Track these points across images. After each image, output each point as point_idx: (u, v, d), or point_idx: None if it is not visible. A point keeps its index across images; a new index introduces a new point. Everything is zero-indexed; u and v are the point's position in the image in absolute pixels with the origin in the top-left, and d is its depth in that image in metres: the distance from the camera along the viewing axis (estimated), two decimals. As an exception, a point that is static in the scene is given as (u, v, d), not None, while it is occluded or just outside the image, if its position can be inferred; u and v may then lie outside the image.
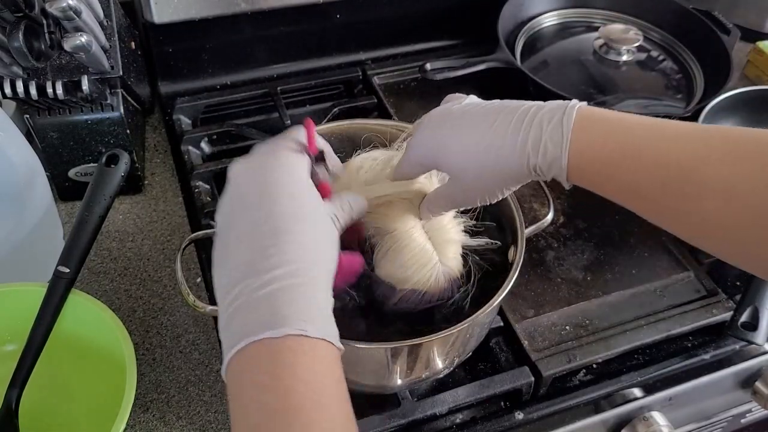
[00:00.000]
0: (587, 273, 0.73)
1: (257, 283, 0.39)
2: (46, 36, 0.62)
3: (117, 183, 0.63)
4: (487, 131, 0.46)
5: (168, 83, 0.90)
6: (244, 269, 0.40)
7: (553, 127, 0.44)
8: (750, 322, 0.66)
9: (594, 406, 0.66)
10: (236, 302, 0.39)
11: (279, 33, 0.91)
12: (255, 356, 0.38)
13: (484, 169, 0.47)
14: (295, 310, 0.38)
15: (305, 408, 0.36)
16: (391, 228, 0.54)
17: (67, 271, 0.58)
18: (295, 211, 0.43)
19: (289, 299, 0.39)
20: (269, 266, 0.39)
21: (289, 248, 0.41)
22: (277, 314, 0.38)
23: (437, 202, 0.53)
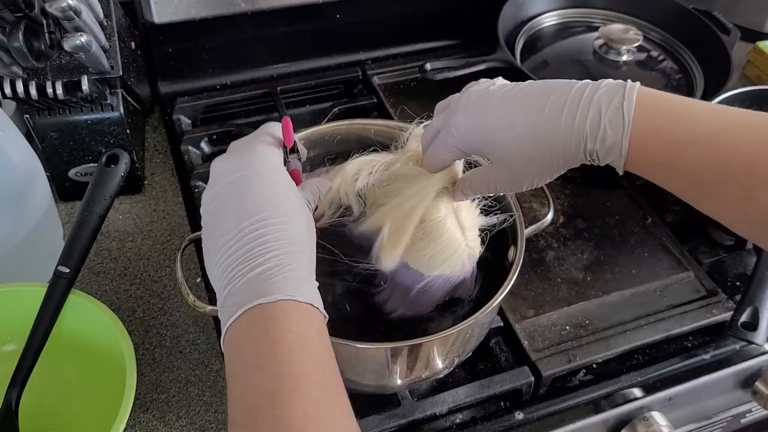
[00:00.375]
0: (587, 273, 0.73)
1: (248, 266, 0.42)
2: (46, 36, 0.62)
3: (117, 183, 0.63)
4: (539, 115, 0.43)
5: (168, 83, 0.90)
6: (235, 254, 0.43)
7: (612, 110, 0.41)
8: (750, 322, 0.66)
9: (594, 406, 0.66)
10: (230, 284, 0.42)
11: (279, 33, 0.91)
12: (250, 319, 0.41)
13: (536, 154, 0.44)
14: (285, 281, 0.41)
15: (294, 353, 0.39)
16: (422, 218, 0.52)
17: (67, 271, 0.58)
18: (276, 200, 0.45)
19: (279, 273, 0.42)
20: (258, 250, 0.42)
21: (273, 231, 0.43)
22: (269, 286, 0.41)
23: (476, 185, 0.50)
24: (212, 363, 0.65)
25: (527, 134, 0.44)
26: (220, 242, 0.44)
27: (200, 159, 0.83)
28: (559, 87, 0.44)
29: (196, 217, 0.76)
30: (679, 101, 0.42)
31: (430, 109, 0.54)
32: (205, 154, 0.84)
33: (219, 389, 0.64)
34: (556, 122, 0.43)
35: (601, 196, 0.80)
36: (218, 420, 0.62)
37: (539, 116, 0.43)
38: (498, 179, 0.48)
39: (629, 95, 0.41)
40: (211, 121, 0.88)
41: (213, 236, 0.45)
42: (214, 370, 0.65)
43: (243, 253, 0.43)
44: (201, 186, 0.78)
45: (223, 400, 0.63)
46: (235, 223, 0.44)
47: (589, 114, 0.42)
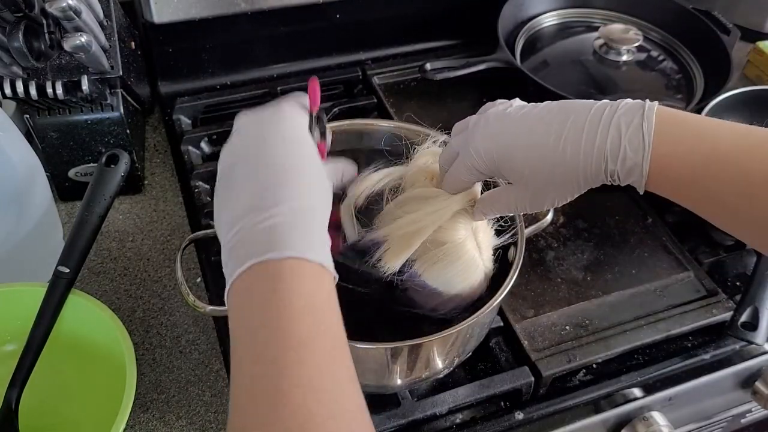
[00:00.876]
0: (587, 273, 0.73)
1: (260, 217, 0.40)
2: (46, 36, 0.62)
3: (117, 183, 0.63)
4: (559, 136, 0.44)
5: (168, 83, 0.90)
6: (247, 205, 0.41)
7: (632, 131, 0.42)
8: (750, 322, 0.66)
9: (594, 406, 0.66)
10: (239, 235, 0.41)
11: (279, 33, 0.91)
12: (257, 275, 0.39)
13: (556, 175, 0.45)
14: (296, 237, 0.40)
15: (301, 319, 0.38)
16: (442, 240, 0.52)
17: (67, 271, 0.58)
18: (297, 154, 0.44)
19: (290, 229, 0.40)
20: (271, 203, 0.41)
21: (290, 187, 0.42)
22: (279, 240, 0.39)
23: (496, 206, 0.51)
24: (212, 363, 0.65)
25: (548, 156, 0.44)
26: (233, 195, 0.43)
27: (200, 159, 0.83)
28: (578, 108, 0.44)
29: (196, 217, 0.76)
30: (699, 120, 0.43)
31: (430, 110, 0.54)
32: (205, 154, 0.84)
33: (219, 389, 0.64)
34: (577, 144, 0.43)
35: (601, 196, 0.80)
36: (218, 420, 0.62)
37: (559, 138, 0.44)
38: (518, 200, 0.49)
39: (648, 116, 0.42)
40: (211, 121, 0.88)
41: (226, 190, 0.44)
42: (214, 370, 0.65)
43: (255, 205, 0.41)
44: (201, 186, 0.78)
45: (224, 400, 0.63)
46: (252, 178, 0.43)
47: (609, 135, 0.42)
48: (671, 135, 0.42)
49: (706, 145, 0.41)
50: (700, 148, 0.41)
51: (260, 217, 0.40)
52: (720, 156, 0.41)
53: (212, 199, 0.76)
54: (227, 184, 0.44)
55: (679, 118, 0.42)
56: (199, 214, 0.75)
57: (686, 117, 0.43)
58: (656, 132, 0.42)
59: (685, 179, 0.42)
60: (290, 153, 0.44)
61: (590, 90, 0.91)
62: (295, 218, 0.41)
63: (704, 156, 0.41)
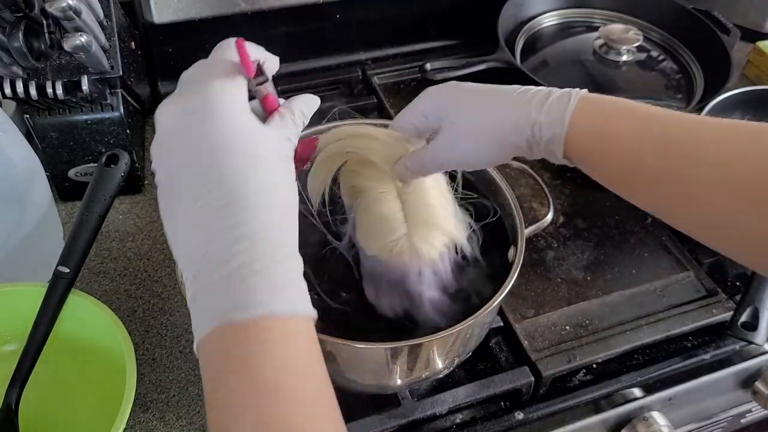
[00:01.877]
0: (587, 273, 0.73)
1: (217, 259, 0.36)
2: (46, 36, 0.62)
3: (117, 183, 0.63)
4: (498, 92, 0.48)
5: (168, 83, 0.90)
6: (202, 240, 0.37)
7: (560, 94, 0.46)
8: (750, 322, 0.66)
9: (594, 406, 0.66)
10: (198, 279, 0.37)
11: (279, 33, 0.91)
12: (224, 337, 0.36)
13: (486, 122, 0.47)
14: (262, 288, 0.36)
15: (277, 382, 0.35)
16: (364, 187, 0.53)
17: (67, 271, 0.58)
18: (245, 164, 0.38)
19: (254, 276, 0.36)
20: (228, 240, 0.37)
21: (245, 216, 0.37)
22: (241, 293, 0.35)
23: (420, 158, 0.51)
24: (212, 363, 0.65)
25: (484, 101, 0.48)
26: (180, 219, 0.38)
27: (200, 159, 0.83)
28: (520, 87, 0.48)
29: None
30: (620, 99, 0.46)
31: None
32: (205, 154, 0.84)
33: (219, 389, 0.64)
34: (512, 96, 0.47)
35: (601, 196, 0.80)
36: (218, 420, 0.62)
37: (497, 92, 0.48)
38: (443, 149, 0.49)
39: (576, 91, 0.47)
40: (211, 121, 0.88)
41: (170, 209, 0.39)
42: (214, 370, 0.65)
43: (207, 239, 0.37)
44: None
45: (223, 400, 0.63)
46: (193, 197, 0.38)
47: (539, 93, 0.47)
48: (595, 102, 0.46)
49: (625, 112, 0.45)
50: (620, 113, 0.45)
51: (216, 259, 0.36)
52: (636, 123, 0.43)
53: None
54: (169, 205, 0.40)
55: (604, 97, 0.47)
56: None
57: (611, 97, 0.47)
58: (581, 99, 0.46)
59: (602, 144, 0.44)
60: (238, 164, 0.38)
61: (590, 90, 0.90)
62: (255, 255, 0.36)
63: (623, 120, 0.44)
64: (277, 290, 0.36)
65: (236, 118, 0.40)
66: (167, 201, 0.40)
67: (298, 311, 0.37)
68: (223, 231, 0.37)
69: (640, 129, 0.43)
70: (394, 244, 0.53)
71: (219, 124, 0.39)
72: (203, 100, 0.40)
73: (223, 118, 0.39)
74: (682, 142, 0.41)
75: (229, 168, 0.38)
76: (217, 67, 0.42)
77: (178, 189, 0.39)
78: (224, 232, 0.37)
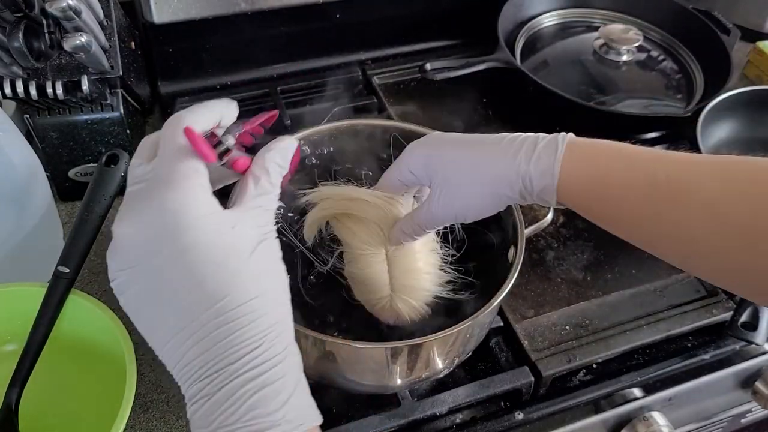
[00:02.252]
0: (587, 273, 0.73)
1: (209, 387, 0.36)
2: (46, 36, 0.62)
3: (117, 183, 0.63)
4: (484, 143, 0.48)
5: (168, 83, 0.90)
6: (199, 359, 0.36)
7: (547, 142, 0.46)
8: (750, 322, 0.66)
9: (594, 406, 0.66)
10: (198, 394, 0.36)
11: (279, 33, 0.91)
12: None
13: (477, 177, 0.47)
14: (261, 411, 0.35)
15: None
16: (356, 247, 0.55)
17: (67, 271, 0.58)
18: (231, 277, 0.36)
19: (252, 398, 0.35)
20: (220, 367, 0.36)
21: (242, 332, 0.36)
22: (244, 414, 0.35)
23: (415, 220, 0.52)
24: (212, 363, 0.65)
25: (472, 156, 0.48)
26: (170, 339, 0.37)
27: (200, 159, 0.83)
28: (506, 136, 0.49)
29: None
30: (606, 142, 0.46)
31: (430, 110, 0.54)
32: (205, 154, 0.84)
33: (219, 389, 0.64)
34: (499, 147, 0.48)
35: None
36: (218, 420, 0.61)
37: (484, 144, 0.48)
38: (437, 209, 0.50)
39: (562, 136, 0.47)
40: (211, 121, 0.88)
41: (153, 330, 0.38)
42: (214, 370, 0.65)
43: (199, 367, 0.36)
44: (201, 186, 0.78)
45: (223, 400, 0.63)
46: (184, 318, 0.36)
47: (526, 143, 0.47)
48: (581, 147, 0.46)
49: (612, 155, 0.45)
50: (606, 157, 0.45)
51: (218, 379, 0.35)
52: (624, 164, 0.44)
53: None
54: (150, 333, 0.38)
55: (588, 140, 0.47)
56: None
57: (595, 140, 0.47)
58: (568, 145, 0.46)
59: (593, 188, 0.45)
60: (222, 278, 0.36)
61: (590, 90, 0.91)
62: (253, 375, 0.35)
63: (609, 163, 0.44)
64: (280, 412, 0.35)
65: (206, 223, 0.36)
66: (148, 322, 0.38)
67: (306, 422, 0.36)
68: (212, 356, 0.36)
69: (626, 174, 0.44)
70: (378, 301, 0.56)
71: (190, 239, 0.36)
72: (164, 216, 0.36)
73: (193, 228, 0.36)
74: (667, 183, 0.42)
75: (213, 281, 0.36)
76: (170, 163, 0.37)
77: (159, 312, 0.37)
78: (214, 359, 0.36)
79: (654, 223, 0.43)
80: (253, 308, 0.36)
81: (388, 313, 0.57)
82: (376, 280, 0.55)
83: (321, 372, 0.56)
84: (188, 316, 0.36)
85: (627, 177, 0.43)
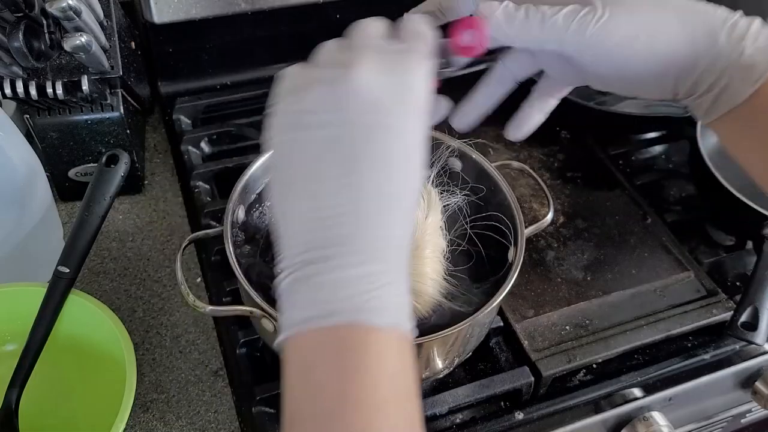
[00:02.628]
0: (587, 273, 0.73)
1: (331, 257, 0.34)
2: (46, 36, 0.62)
3: (117, 183, 0.63)
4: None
5: (168, 83, 0.90)
6: (318, 233, 0.34)
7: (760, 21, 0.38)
8: (750, 322, 0.66)
9: (594, 406, 0.66)
10: (301, 272, 0.34)
11: (279, 33, 0.91)
12: (323, 336, 0.34)
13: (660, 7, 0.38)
14: (372, 298, 0.34)
15: (367, 401, 0.33)
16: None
17: (67, 271, 0.58)
18: (406, 174, 0.35)
19: (366, 285, 0.34)
20: (351, 238, 0.34)
21: (379, 224, 0.34)
22: (351, 301, 0.33)
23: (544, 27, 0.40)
24: (212, 363, 0.65)
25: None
26: (300, 202, 0.35)
27: (200, 159, 0.83)
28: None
29: (196, 217, 0.76)
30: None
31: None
32: (205, 154, 0.84)
33: (219, 389, 0.64)
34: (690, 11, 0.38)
35: (601, 196, 0.80)
36: (218, 420, 0.62)
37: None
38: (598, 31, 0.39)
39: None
40: (211, 121, 0.88)
41: (288, 199, 0.36)
42: (214, 370, 0.65)
43: (328, 237, 0.34)
44: (201, 186, 0.78)
45: (224, 400, 0.63)
46: (330, 194, 0.34)
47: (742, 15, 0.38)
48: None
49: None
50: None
51: (332, 259, 0.34)
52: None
53: (212, 199, 0.76)
54: (290, 195, 0.36)
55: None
56: (199, 214, 0.75)
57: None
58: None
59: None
60: (395, 175, 0.35)
61: (590, 90, 0.90)
62: (377, 270, 0.34)
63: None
64: (389, 303, 0.34)
65: (415, 135, 0.36)
66: (288, 189, 0.36)
67: (402, 327, 0.35)
68: (348, 223, 0.34)
69: None
70: None
71: (401, 131, 0.35)
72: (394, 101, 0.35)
73: (407, 127, 0.35)
74: None
75: (384, 171, 0.34)
76: (418, 55, 0.37)
77: (308, 165, 0.35)
78: (349, 226, 0.34)
79: None
80: (384, 233, 0.35)
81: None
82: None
83: (321, 372, 0.56)
84: (322, 208, 0.35)
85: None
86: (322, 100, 0.35)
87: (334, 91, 0.35)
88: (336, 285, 0.34)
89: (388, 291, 0.34)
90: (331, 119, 0.34)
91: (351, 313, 0.33)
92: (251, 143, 0.84)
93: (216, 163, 0.80)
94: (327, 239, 0.34)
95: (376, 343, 0.34)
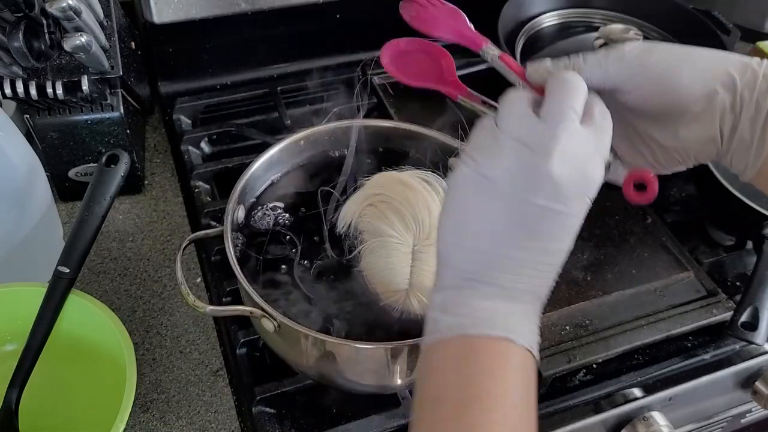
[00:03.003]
0: (587, 273, 0.72)
1: (490, 280, 0.39)
2: (46, 36, 0.62)
3: (117, 183, 0.63)
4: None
5: (168, 83, 0.90)
6: (486, 267, 0.40)
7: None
8: (750, 322, 0.66)
9: (594, 406, 0.66)
10: (462, 287, 0.40)
11: (279, 33, 0.91)
12: (465, 344, 0.39)
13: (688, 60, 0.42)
14: (516, 321, 0.39)
15: (504, 400, 0.38)
16: (384, 233, 0.54)
17: (67, 271, 0.58)
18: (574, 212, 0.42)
19: (514, 308, 0.40)
20: (511, 271, 0.39)
21: (539, 258, 0.40)
22: (499, 321, 0.39)
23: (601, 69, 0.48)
24: (212, 363, 0.65)
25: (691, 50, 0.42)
26: (472, 230, 0.40)
27: (200, 159, 0.83)
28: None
29: (196, 217, 0.76)
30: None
31: (429, 109, 0.54)
32: (205, 154, 0.84)
33: (219, 389, 0.64)
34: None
35: (601, 196, 0.79)
36: (218, 420, 0.62)
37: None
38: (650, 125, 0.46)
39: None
40: (211, 121, 0.88)
41: (464, 217, 0.40)
42: (214, 370, 0.65)
43: (492, 263, 0.39)
44: (201, 186, 0.78)
45: (224, 400, 0.63)
46: (510, 226, 0.39)
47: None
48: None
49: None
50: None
51: (490, 283, 0.39)
52: None
53: (213, 199, 0.76)
54: (464, 222, 0.40)
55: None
56: (199, 214, 0.75)
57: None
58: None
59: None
60: (551, 247, 0.40)
61: (590, 90, 0.91)
62: (526, 298, 0.40)
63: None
64: (525, 323, 0.40)
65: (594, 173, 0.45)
66: (465, 213, 0.40)
67: (533, 350, 0.40)
68: (512, 255, 0.39)
69: None
70: (394, 293, 0.55)
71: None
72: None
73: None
74: None
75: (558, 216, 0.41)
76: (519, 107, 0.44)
77: (489, 213, 0.40)
78: (512, 259, 0.39)
79: None
80: (539, 270, 0.41)
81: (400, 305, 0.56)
82: (396, 271, 0.54)
83: (321, 372, 0.56)
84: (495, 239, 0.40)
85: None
86: (510, 174, 0.39)
87: (524, 173, 0.39)
88: (495, 310, 0.39)
89: (528, 325, 0.40)
90: (514, 192, 0.39)
91: (503, 331, 0.39)
92: (251, 143, 0.84)
93: (216, 163, 0.80)
94: (493, 276, 0.39)
95: (515, 356, 0.39)
